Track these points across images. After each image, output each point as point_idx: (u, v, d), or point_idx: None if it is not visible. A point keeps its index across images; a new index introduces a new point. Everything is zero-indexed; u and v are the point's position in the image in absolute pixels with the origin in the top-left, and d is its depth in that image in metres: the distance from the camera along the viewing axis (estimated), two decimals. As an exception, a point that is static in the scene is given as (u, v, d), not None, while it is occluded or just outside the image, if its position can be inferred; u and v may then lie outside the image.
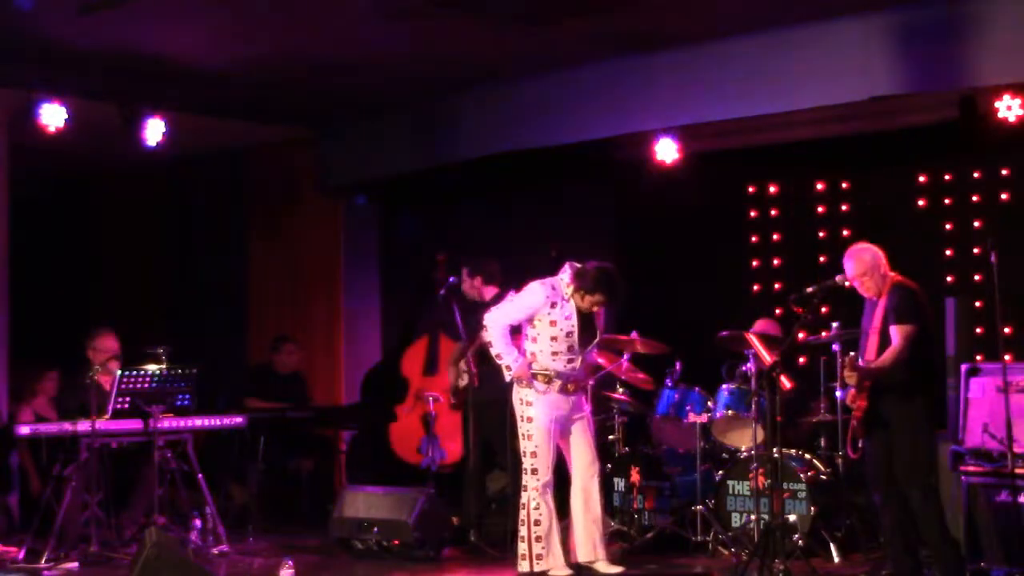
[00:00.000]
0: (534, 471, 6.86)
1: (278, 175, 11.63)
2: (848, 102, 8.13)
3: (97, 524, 7.60)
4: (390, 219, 11.54)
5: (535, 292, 6.91)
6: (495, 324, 6.92)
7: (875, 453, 6.42)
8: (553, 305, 6.85)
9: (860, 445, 6.46)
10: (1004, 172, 8.48)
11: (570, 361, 6.91)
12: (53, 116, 8.90)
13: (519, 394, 6.94)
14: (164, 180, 12.09)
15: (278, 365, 10.17)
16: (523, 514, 6.88)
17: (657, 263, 10.07)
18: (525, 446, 6.90)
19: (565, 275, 6.94)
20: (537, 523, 6.83)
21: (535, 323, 6.91)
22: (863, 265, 6.44)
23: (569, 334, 6.86)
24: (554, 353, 6.88)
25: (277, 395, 9.81)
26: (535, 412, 6.89)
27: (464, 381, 8.10)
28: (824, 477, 7.66)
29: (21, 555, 7.67)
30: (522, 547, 6.86)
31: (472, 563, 7.68)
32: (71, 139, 9.22)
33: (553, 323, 6.85)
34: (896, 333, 6.26)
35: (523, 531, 6.87)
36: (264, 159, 11.64)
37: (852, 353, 6.37)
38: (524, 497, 6.89)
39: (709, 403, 8.09)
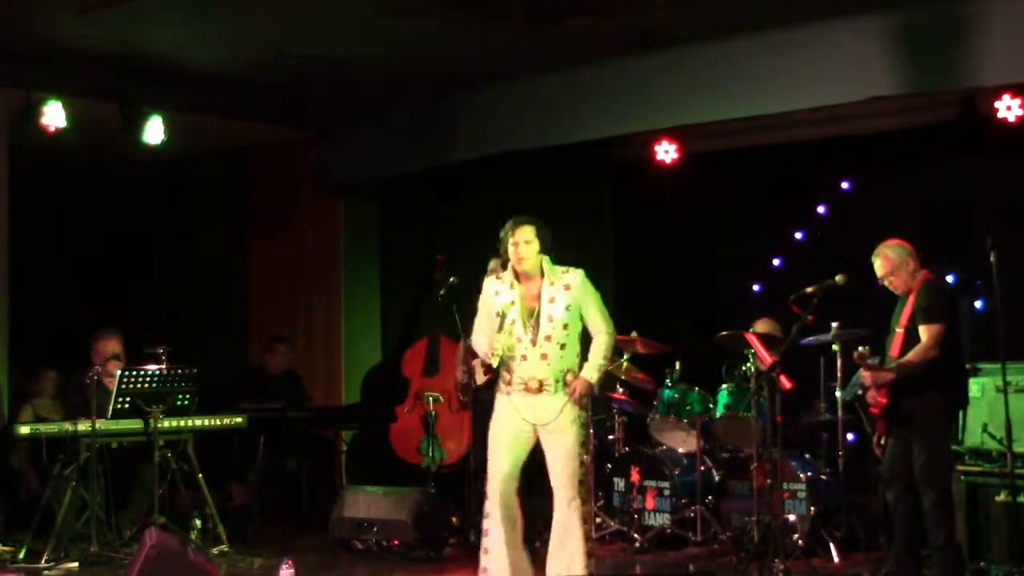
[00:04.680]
0: (490, 477, 6.34)
1: (278, 175, 11.64)
2: (848, 102, 8.14)
3: (97, 524, 7.59)
4: (390, 219, 11.55)
5: (483, 287, 6.49)
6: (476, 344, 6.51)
7: (895, 450, 6.43)
8: (496, 293, 6.36)
9: (883, 442, 6.47)
10: (1004, 172, 8.48)
11: (524, 358, 6.24)
12: (53, 116, 8.91)
13: None
14: (164, 180, 12.10)
15: (270, 365, 10.19)
16: None
17: (657, 263, 10.09)
18: None
19: (505, 272, 6.44)
20: (485, 532, 6.33)
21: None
22: (889, 264, 6.44)
23: (513, 322, 6.23)
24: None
25: (270, 395, 9.80)
26: (495, 414, 6.39)
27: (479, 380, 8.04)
28: (824, 477, 7.66)
29: (21, 555, 7.68)
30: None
31: (472, 563, 7.62)
32: (71, 139, 9.22)
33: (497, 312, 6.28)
34: (924, 333, 6.26)
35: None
36: (264, 159, 11.65)
37: (862, 348, 6.34)
38: None
39: (709, 403, 8.10)
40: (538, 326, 6.21)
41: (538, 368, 6.20)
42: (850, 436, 7.73)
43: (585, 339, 6.40)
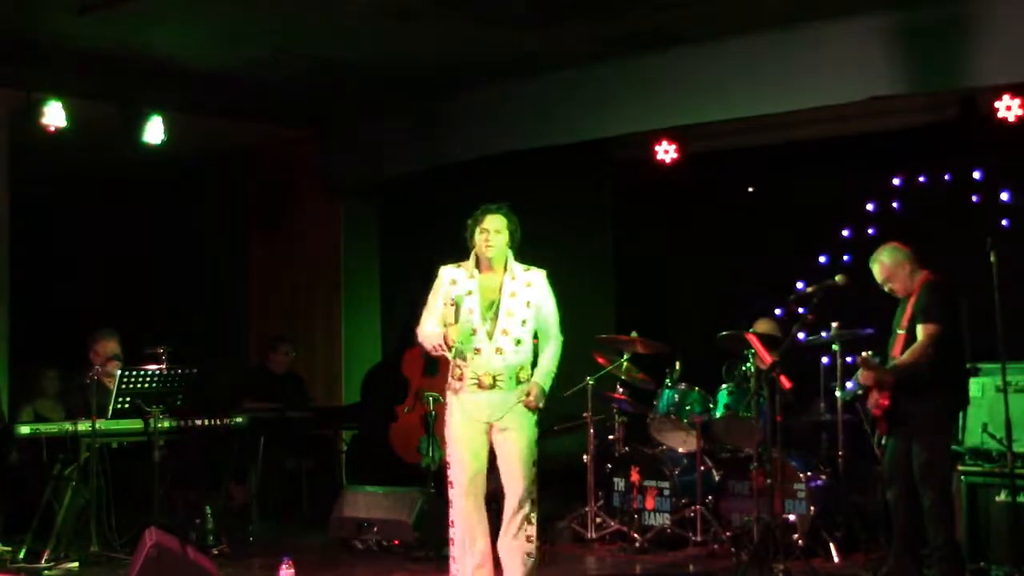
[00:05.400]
0: (451, 483, 6.10)
1: (278, 175, 11.64)
2: (848, 102, 8.14)
3: (97, 524, 7.59)
4: (390, 219, 11.55)
5: (439, 274, 6.19)
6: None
7: (896, 450, 6.43)
8: (454, 282, 6.10)
9: (883, 442, 6.47)
10: (1004, 172, 8.48)
11: (478, 351, 6.01)
12: (53, 116, 8.92)
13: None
14: (165, 180, 12.10)
15: (273, 365, 10.18)
16: None
17: (657, 263, 10.09)
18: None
19: (467, 261, 6.20)
20: (451, 541, 6.11)
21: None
22: (886, 269, 6.46)
23: (470, 311, 6.00)
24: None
25: (272, 395, 9.79)
26: (448, 417, 6.12)
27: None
28: (824, 477, 7.66)
29: (21, 555, 7.68)
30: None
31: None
32: (71, 139, 9.22)
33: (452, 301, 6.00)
34: (920, 332, 6.27)
35: None
36: (264, 159, 11.65)
37: (866, 352, 6.36)
38: None
39: (709, 403, 8.10)
40: (496, 319, 6.00)
41: (492, 363, 5.99)
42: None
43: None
